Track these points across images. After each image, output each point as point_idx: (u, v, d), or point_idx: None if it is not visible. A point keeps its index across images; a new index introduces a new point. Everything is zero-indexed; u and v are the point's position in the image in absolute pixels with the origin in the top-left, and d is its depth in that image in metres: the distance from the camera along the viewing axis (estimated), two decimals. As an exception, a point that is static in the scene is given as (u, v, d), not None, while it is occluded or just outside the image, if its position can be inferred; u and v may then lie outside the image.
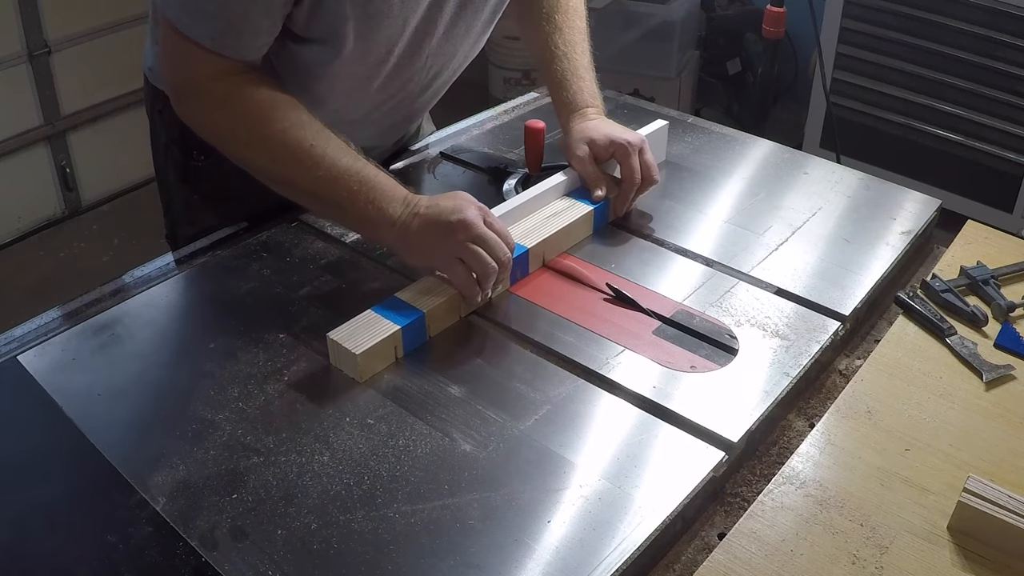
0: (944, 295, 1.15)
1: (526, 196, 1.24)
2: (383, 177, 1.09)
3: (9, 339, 1.08)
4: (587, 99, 1.33)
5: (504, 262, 1.07)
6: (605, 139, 1.27)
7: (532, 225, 1.21)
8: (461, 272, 1.06)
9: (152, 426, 0.96)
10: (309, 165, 1.07)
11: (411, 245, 1.08)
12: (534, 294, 1.15)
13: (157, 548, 0.82)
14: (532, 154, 1.39)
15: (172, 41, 1.07)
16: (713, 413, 0.97)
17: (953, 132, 2.86)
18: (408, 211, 1.08)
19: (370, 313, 1.04)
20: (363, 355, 0.99)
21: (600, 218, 1.28)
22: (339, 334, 1.01)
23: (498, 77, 3.81)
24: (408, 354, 1.05)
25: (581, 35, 1.38)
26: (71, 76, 2.96)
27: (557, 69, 1.35)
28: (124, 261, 2.26)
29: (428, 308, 1.05)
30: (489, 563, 0.81)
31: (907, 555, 0.84)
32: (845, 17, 2.91)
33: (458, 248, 1.05)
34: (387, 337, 1.01)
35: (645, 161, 1.28)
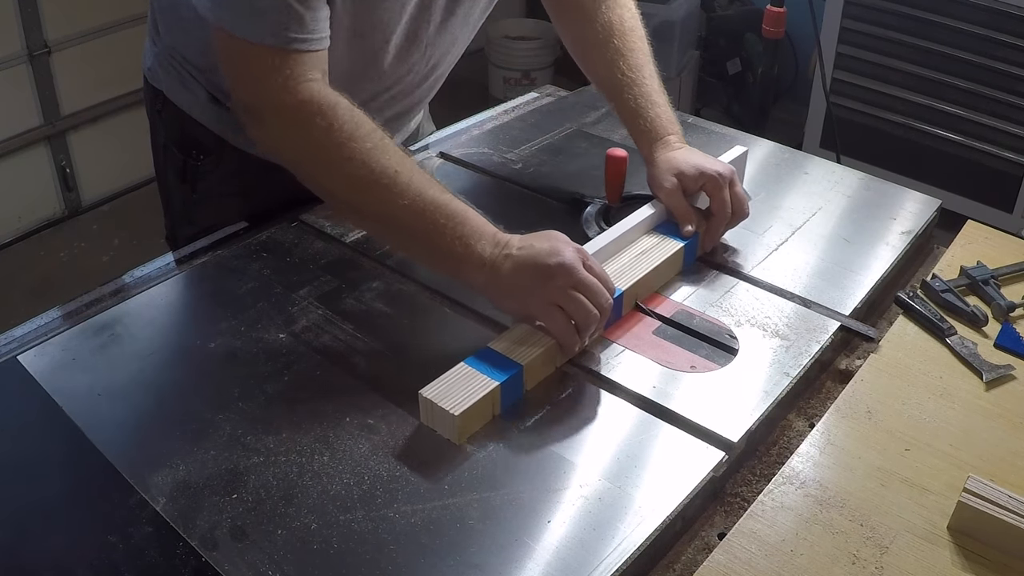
0: (944, 295, 1.15)
1: (615, 233, 1.15)
2: (472, 213, 1.02)
3: (9, 339, 1.08)
4: (667, 126, 1.26)
5: (606, 308, 1.00)
6: (695, 171, 1.19)
7: (623, 264, 1.13)
8: (560, 320, 0.98)
9: (152, 426, 0.96)
10: (395, 193, 1.00)
11: (503, 288, 1.01)
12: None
13: (157, 548, 0.82)
14: (613, 184, 1.30)
15: (233, 53, 1.01)
16: (713, 413, 0.97)
17: (953, 132, 2.86)
18: (499, 251, 1.01)
19: (464, 367, 0.96)
20: (461, 416, 0.91)
21: (689, 254, 1.20)
22: (433, 391, 0.93)
23: (498, 77, 3.81)
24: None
25: (646, 57, 1.30)
26: (71, 76, 2.96)
27: (628, 97, 1.27)
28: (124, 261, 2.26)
29: (526, 360, 0.97)
30: (489, 563, 0.81)
31: (907, 555, 0.84)
32: (845, 17, 2.92)
33: (557, 294, 0.98)
34: (486, 395, 0.93)
35: (736, 194, 1.20)
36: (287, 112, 1.01)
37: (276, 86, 1.00)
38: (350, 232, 1.25)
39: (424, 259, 1.08)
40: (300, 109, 1.00)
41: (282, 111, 1.01)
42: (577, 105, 1.66)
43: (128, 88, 3.01)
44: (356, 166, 1.00)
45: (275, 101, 1.01)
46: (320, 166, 1.03)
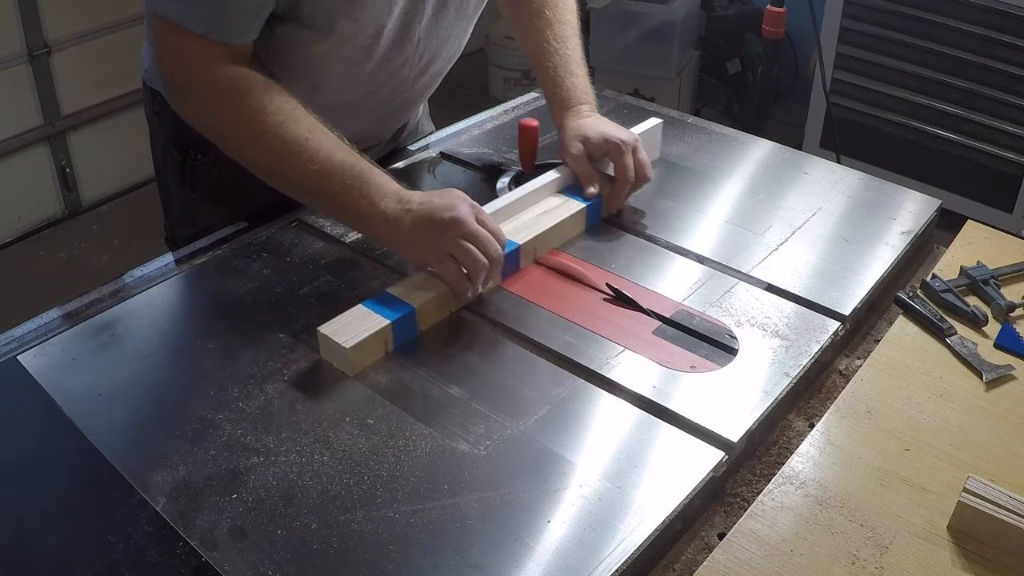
0: (944, 295, 1.15)
1: (518, 193, 1.25)
2: (377, 173, 1.10)
3: (9, 339, 1.08)
4: (580, 96, 1.34)
5: (495, 258, 1.08)
6: (599, 137, 1.28)
7: (524, 222, 1.22)
8: (452, 268, 1.07)
9: (152, 426, 0.96)
10: (305, 160, 1.08)
11: (403, 241, 1.10)
12: (526, 290, 1.16)
13: (157, 548, 0.82)
14: (526, 152, 1.40)
15: (164, 34, 1.08)
16: (713, 413, 0.97)
17: (953, 132, 2.86)
18: (401, 207, 1.09)
19: (361, 307, 1.05)
20: (353, 349, 1.00)
21: (593, 215, 1.29)
22: (329, 328, 1.02)
23: (498, 77, 3.81)
24: (399, 348, 1.05)
25: (572, 30, 1.38)
26: (71, 76, 2.96)
27: (549, 65, 1.35)
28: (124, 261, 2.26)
29: (419, 303, 1.06)
30: (489, 563, 0.81)
31: (907, 555, 0.84)
32: (845, 17, 2.92)
33: (449, 245, 1.06)
34: (377, 331, 1.02)
35: (638, 159, 1.29)
36: (207, 91, 1.09)
37: (199, 68, 1.07)
38: (350, 232, 1.25)
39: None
40: (219, 89, 1.08)
41: (203, 90, 1.09)
42: (577, 105, 1.66)
43: (128, 88, 3.02)
44: (269, 138, 1.08)
45: (197, 81, 1.09)
46: (237, 139, 1.12)
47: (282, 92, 1.10)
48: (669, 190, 1.39)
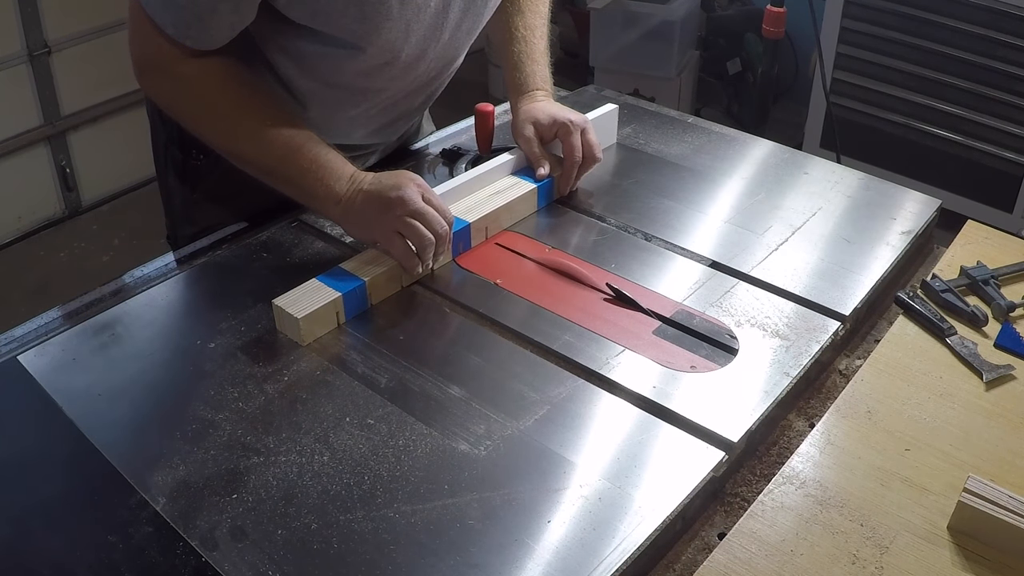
0: (944, 295, 1.15)
1: (471, 174, 1.29)
2: (332, 155, 1.14)
3: (9, 339, 1.08)
4: (538, 82, 1.37)
5: (441, 235, 1.11)
6: (548, 119, 1.31)
7: (476, 201, 1.27)
8: (399, 244, 1.11)
9: (152, 426, 0.96)
10: (265, 143, 1.11)
11: (354, 220, 1.14)
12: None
13: (157, 548, 0.82)
14: (482, 136, 1.43)
15: (138, 19, 1.09)
16: (713, 413, 0.97)
17: (953, 132, 2.86)
18: (353, 187, 1.12)
19: (314, 281, 1.09)
20: (304, 319, 1.04)
21: (544, 196, 1.33)
22: (283, 300, 1.07)
23: (498, 77, 3.81)
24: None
25: (542, 19, 1.41)
26: (71, 76, 2.96)
27: (513, 51, 1.38)
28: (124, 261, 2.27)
29: (369, 277, 1.11)
30: (489, 563, 0.81)
31: (907, 555, 0.84)
32: (845, 17, 2.91)
33: (397, 222, 1.10)
34: (329, 303, 1.07)
35: (587, 140, 1.31)
36: (170, 77, 1.12)
37: (165, 57, 1.10)
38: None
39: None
40: (181, 76, 1.11)
41: (166, 75, 1.12)
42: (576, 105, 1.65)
43: (128, 88, 3.02)
44: (228, 123, 1.12)
45: (161, 67, 1.11)
46: (196, 122, 1.16)
47: (243, 77, 1.13)
48: (669, 190, 1.39)
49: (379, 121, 1.35)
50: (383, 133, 1.41)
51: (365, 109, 1.28)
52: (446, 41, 1.22)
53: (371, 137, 1.38)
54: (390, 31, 1.12)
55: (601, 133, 1.47)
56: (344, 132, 1.31)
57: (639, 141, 1.53)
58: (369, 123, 1.33)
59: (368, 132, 1.35)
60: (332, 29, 1.10)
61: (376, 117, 1.32)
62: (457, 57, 1.29)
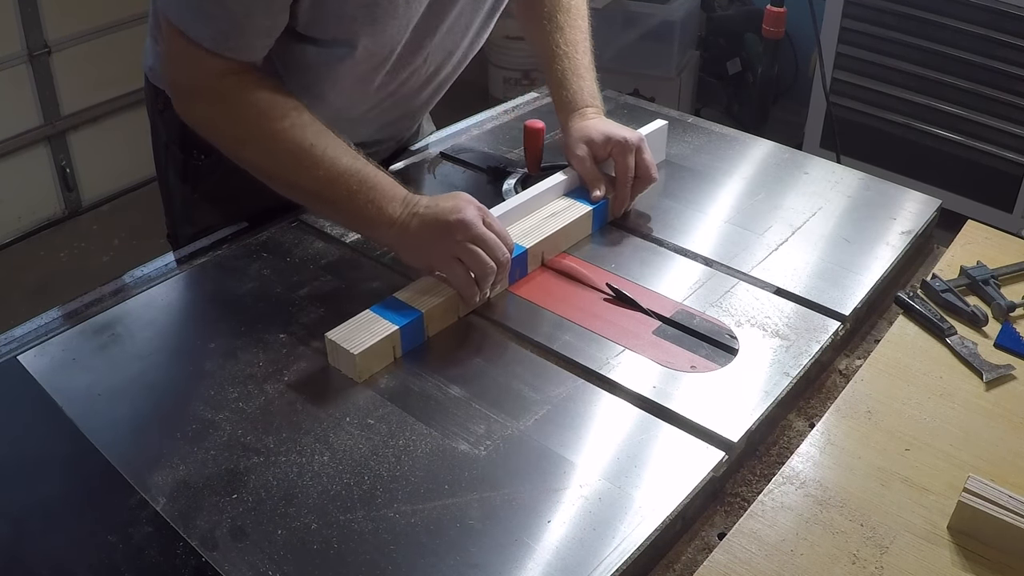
0: (944, 295, 1.15)
1: (525, 196, 1.24)
2: (383, 177, 1.10)
3: (9, 339, 1.08)
4: (587, 99, 1.34)
5: (503, 262, 1.07)
6: (603, 137, 1.27)
7: (531, 225, 1.21)
8: (459, 272, 1.06)
9: (152, 426, 0.96)
10: (309, 165, 1.07)
11: (409, 245, 1.09)
12: (533, 294, 1.15)
13: (157, 548, 0.82)
14: (531, 154, 1.40)
15: (173, 41, 1.07)
16: (713, 413, 0.97)
17: (953, 132, 2.86)
18: (407, 211, 1.08)
19: (368, 313, 1.04)
20: (361, 355, 0.99)
21: (599, 218, 1.28)
22: (337, 334, 1.01)
23: (498, 77, 3.81)
24: (407, 354, 1.05)
25: (583, 34, 1.38)
26: (71, 76, 2.96)
27: (558, 68, 1.35)
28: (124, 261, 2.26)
29: (426, 308, 1.05)
30: (489, 563, 0.81)
31: (907, 555, 0.84)
32: (845, 17, 2.92)
33: (456, 248, 1.05)
34: (385, 337, 1.01)
35: (643, 159, 1.28)
36: (211, 96, 1.08)
37: (205, 76, 1.07)
38: (350, 232, 1.25)
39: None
40: (223, 94, 1.08)
41: (208, 95, 1.09)
42: (577, 105, 1.66)
43: (128, 88, 3.02)
44: (273, 142, 1.08)
45: (202, 86, 1.08)
46: (240, 144, 1.11)
47: (288, 96, 1.10)
48: (670, 190, 1.39)
49: (384, 119, 1.35)
50: (388, 130, 1.41)
51: (368, 108, 1.28)
52: (444, 34, 1.21)
53: (377, 134, 1.38)
54: (394, 27, 1.12)
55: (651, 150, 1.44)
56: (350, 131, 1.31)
57: (639, 141, 1.52)
58: (374, 122, 1.33)
59: (373, 130, 1.35)
60: (338, 31, 1.10)
61: (379, 116, 1.32)
62: (456, 49, 1.28)
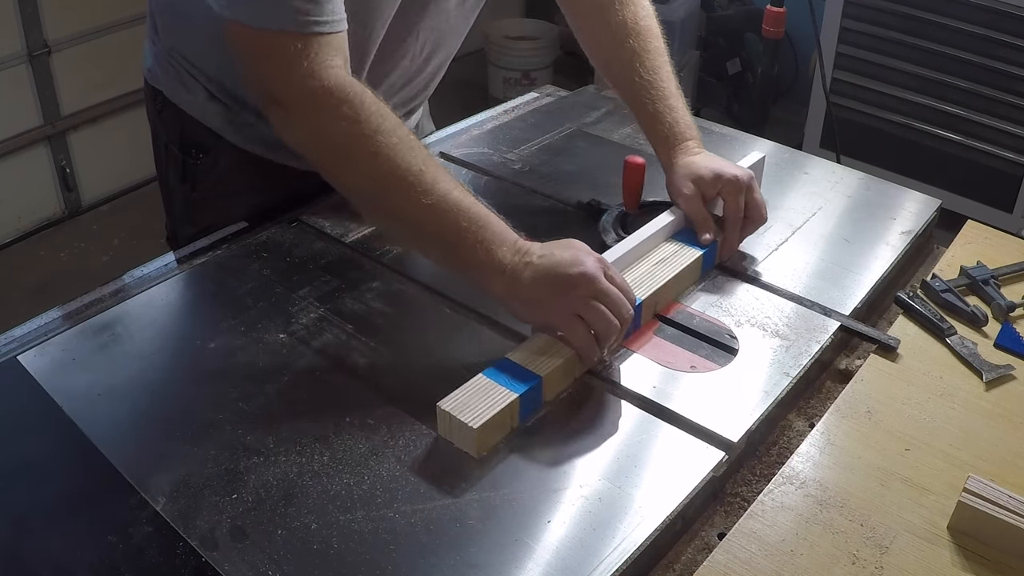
0: (944, 295, 1.15)
1: (634, 241, 1.13)
2: (495, 218, 1.00)
3: (9, 339, 1.08)
4: (684, 131, 1.23)
5: (626, 319, 0.98)
6: (712, 175, 1.17)
7: (642, 273, 1.11)
8: (581, 331, 0.96)
9: (152, 426, 0.96)
10: (419, 192, 0.97)
11: (523, 297, 0.98)
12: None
13: (157, 548, 0.82)
14: (631, 191, 1.28)
15: (253, 46, 0.99)
16: (713, 413, 0.97)
17: (953, 132, 2.86)
18: (520, 259, 0.98)
19: (482, 378, 0.94)
20: (481, 428, 0.90)
21: (707, 262, 1.19)
22: (451, 404, 0.91)
23: (498, 77, 3.81)
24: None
25: (663, 58, 1.27)
26: (71, 76, 2.96)
27: (647, 102, 1.24)
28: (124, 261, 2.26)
29: (545, 372, 0.95)
30: (489, 563, 0.81)
31: (907, 555, 0.84)
32: (845, 17, 2.92)
33: (579, 304, 0.96)
34: (505, 407, 0.92)
35: (753, 199, 1.18)
36: (314, 100, 0.98)
37: (301, 73, 0.97)
38: (350, 232, 1.25)
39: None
40: (327, 97, 0.98)
41: (308, 99, 0.98)
42: (577, 105, 1.67)
43: (128, 88, 3.01)
44: (381, 161, 0.97)
45: (301, 88, 0.98)
46: (345, 159, 1.00)
47: (391, 112, 1.00)
48: (669, 190, 1.38)
49: None
50: None
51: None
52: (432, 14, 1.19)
53: None
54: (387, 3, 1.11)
55: None
56: None
57: (639, 141, 1.52)
58: None
59: None
60: None
61: None
62: (450, 33, 1.26)
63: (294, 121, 1.02)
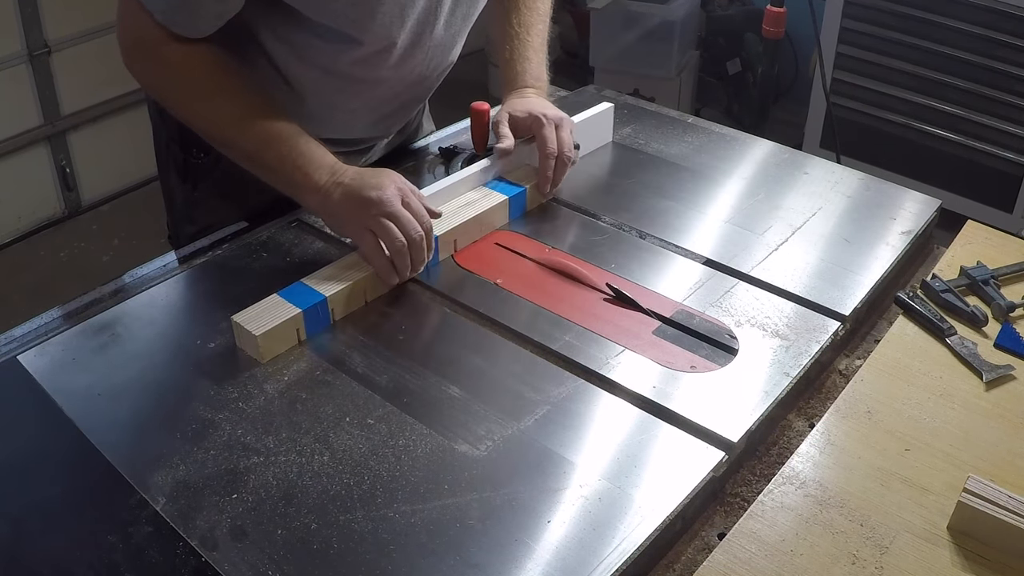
0: (944, 295, 1.15)
1: (449, 181, 1.27)
2: (314, 145, 1.13)
3: (9, 339, 1.08)
4: (528, 80, 1.36)
5: (414, 240, 1.09)
6: (524, 112, 1.29)
7: (447, 213, 1.22)
8: (371, 244, 1.09)
9: (152, 426, 0.96)
10: (245, 127, 1.12)
11: (330, 212, 1.13)
12: (534, 294, 1.15)
13: (157, 548, 0.82)
14: (478, 135, 1.41)
15: (127, 4, 1.10)
16: (713, 413, 0.97)
17: (953, 132, 2.86)
18: (332, 179, 1.11)
19: (274, 297, 1.07)
20: (263, 336, 1.02)
21: (515, 207, 1.29)
22: (242, 316, 1.04)
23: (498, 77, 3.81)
24: (403, 352, 1.05)
25: (539, 16, 1.40)
26: (71, 76, 2.96)
27: (507, 48, 1.38)
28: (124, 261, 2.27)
29: (329, 293, 1.08)
30: (489, 563, 0.81)
31: (907, 555, 0.84)
32: (845, 17, 2.92)
33: (371, 222, 1.09)
34: (288, 320, 1.04)
35: (560, 136, 1.28)
36: (155, 61, 1.13)
37: (152, 41, 1.10)
38: (350, 232, 1.26)
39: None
40: (166, 61, 1.12)
41: (152, 59, 1.13)
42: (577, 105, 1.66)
43: (128, 88, 3.02)
44: (209, 108, 1.13)
45: (148, 50, 1.12)
46: (179, 106, 1.17)
47: (228, 65, 1.13)
48: (669, 190, 1.39)
49: (379, 113, 1.35)
50: (383, 126, 1.41)
51: (365, 101, 1.28)
52: (441, 28, 1.21)
53: (371, 130, 1.38)
54: (384, 15, 1.12)
55: (596, 132, 1.46)
56: (345, 125, 1.31)
57: (639, 141, 1.53)
58: (369, 115, 1.33)
59: (368, 125, 1.35)
60: (326, 14, 1.10)
61: (376, 109, 1.32)
62: (454, 46, 1.29)
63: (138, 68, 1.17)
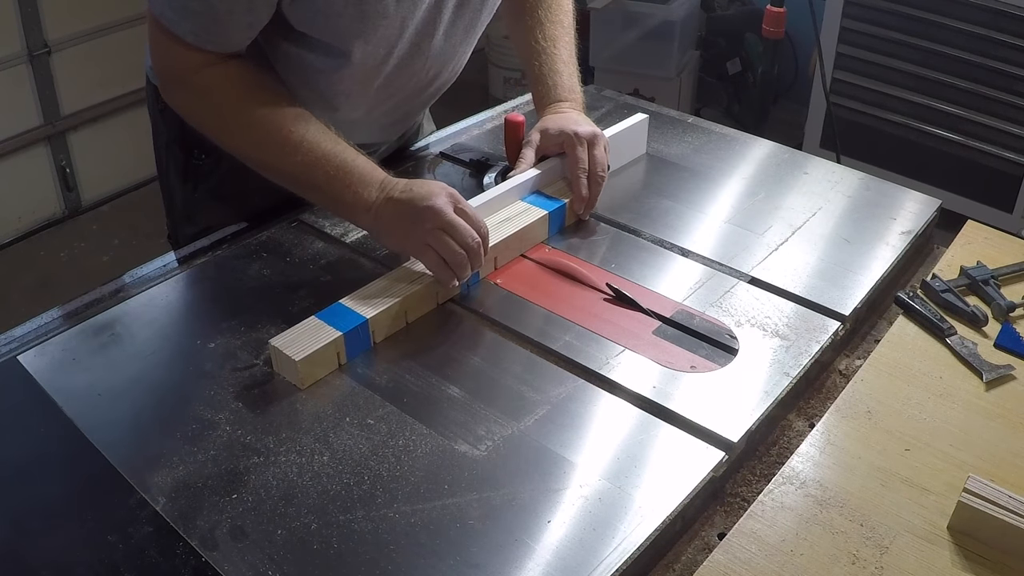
0: (944, 295, 1.15)
1: (489, 195, 1.23)
2: (362, 161, 1.12)
3: (9, 339, 1.08)
4: (560, 93, 1.34)
5: (472, 248, 1.08)
6: (557, 130, 1.28)
7: None
8: (431, 257, 1.08)
9: (152, 426, 0.96)
10: (289, 150, 1.10)
11: (384, 229, 1.11)
12: (533, 294, 1.15)
13: (157, 548, 0.82)
14: (512, 147, 1.39)
15: (158, 35, 1.09)
16: (713, 413, 0.97)
17: (953, 132, 2.86)
18: (383, 195, 1.10)
19: (313, 319, 1.04)
20: (303, 362, 0.98)
21: (555, 223, 1.26)
22: (281, 341, 1.01)
23: (498, 77, 3.81)
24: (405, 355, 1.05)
25: (564, 30, 1.38)
26: (71, 76, 2.96)
27: (535, 64, 1.37)
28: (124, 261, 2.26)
29: (371, 315, 1.05)
30: (489, 563, 0.81)
31: (907, 555, 0.84)
32: (845, 17, 2.92)
33: (427, 234, 1.07)
34: (329, 343, 1.01)
35: (593, 155, 1.26)
36: (194, 87, 1.11)
37: (187, 68, 1.10)
38: (350, 232, 1.26)
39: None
40: (205, 85, 1.11)
41: (190, 85, 1.11)
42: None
43: (128, 88, 3.02)
44: (254, 130, 1.11)
45: (184, 79, 1.11)
46: (223, 131, 1.14)
47: (268, 83, 1.13)
48: (669, 190, 1.39)
49: (382, 122, 1.35)
50: (385, 132, 1.41)
51: (367, 111, 1.28)
52: (441, 38, 1.21)
53: (373, 136, 1.38)
54: (386, 28, 1.12)
55: (631, 144, 1.43)
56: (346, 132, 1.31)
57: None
58: (372, 124, 1.33)
59: (370, 132, 1.35)
60: (330, 31, 1.10)
61: (379, 118, 1.32)
62: (455, 55, 1.29)
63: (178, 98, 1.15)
